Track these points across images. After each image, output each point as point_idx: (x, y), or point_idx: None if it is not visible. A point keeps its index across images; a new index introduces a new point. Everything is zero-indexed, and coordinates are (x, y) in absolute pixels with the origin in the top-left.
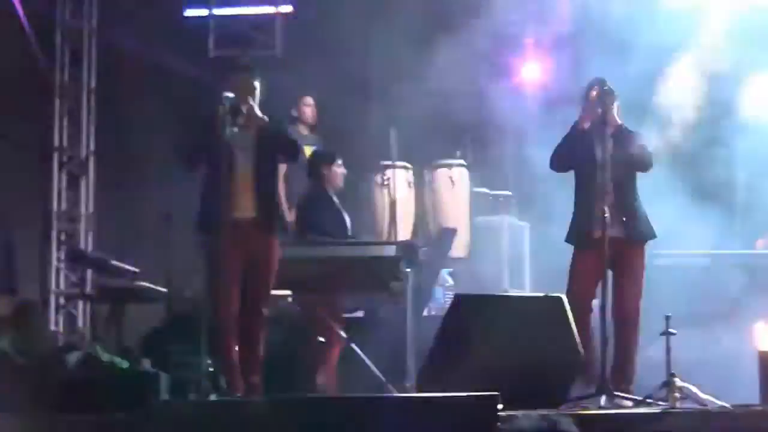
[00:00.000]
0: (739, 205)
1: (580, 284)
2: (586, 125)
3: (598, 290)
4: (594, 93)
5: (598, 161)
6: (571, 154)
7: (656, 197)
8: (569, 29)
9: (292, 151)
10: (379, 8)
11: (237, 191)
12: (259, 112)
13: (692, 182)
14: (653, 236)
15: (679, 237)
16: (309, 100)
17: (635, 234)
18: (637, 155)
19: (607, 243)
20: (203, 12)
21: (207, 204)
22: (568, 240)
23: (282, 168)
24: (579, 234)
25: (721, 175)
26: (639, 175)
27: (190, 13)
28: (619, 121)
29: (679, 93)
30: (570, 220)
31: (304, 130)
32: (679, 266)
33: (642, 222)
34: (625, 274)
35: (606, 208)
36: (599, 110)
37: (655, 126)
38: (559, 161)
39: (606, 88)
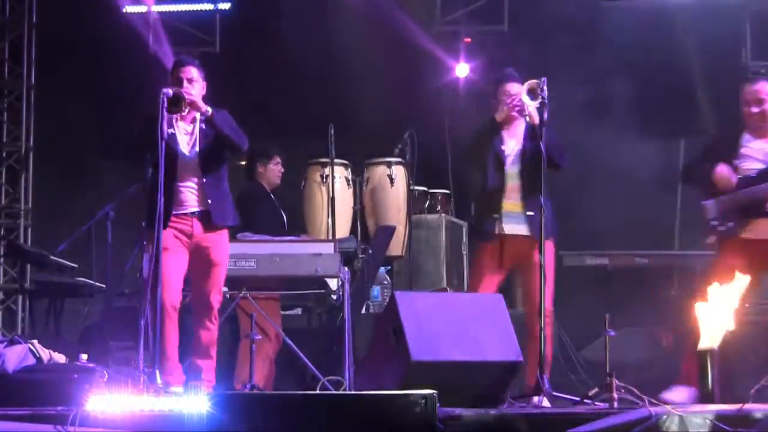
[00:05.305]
0: None
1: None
2: (499, 118)
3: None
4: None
5: (504, 156)
6: (481, 149)
7: None
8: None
9: (237, 142)
10: (319, 6)
11: (182, 185)
12: (201, 102)
13: None
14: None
15: None
16: None
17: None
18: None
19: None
20: (142, 8)
21: (154, 199)
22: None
23: None
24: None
25: None
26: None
27: (129, 9)
28: (536, 117)
29: None
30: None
31: None
32: None
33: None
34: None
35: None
36: (507, 106)
37: None
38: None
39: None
